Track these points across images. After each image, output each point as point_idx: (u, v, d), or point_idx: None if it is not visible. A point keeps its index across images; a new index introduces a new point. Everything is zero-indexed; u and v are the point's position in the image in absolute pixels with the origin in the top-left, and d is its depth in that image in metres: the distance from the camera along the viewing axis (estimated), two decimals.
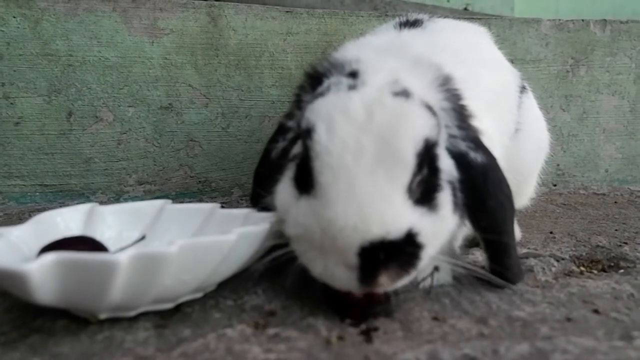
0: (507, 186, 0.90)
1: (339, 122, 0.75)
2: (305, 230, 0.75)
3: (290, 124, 0.94)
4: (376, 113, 0.75)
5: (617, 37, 1.98)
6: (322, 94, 0.83)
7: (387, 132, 0.74)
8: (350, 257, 0.71)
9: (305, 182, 0.78)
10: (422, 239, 0.74)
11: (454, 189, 0.82)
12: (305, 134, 0.77)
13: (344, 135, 0.74)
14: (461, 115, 0.88)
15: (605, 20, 1.97)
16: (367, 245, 0.70)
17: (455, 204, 0.82)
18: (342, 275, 0.73)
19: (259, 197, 0.95)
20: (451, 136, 0.85)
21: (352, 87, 0.81)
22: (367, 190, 0.72)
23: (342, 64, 0.90)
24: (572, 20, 1.95)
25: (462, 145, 0.85)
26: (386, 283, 0.73)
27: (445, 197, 0.80)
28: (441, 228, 0.80)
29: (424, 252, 0.75)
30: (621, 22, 1.98)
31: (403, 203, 0.74)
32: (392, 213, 0.72)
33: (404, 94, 0.79)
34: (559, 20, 1.95)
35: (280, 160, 0.91)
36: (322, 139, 0.75)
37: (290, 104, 1.02)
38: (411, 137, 0.74)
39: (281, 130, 0.98)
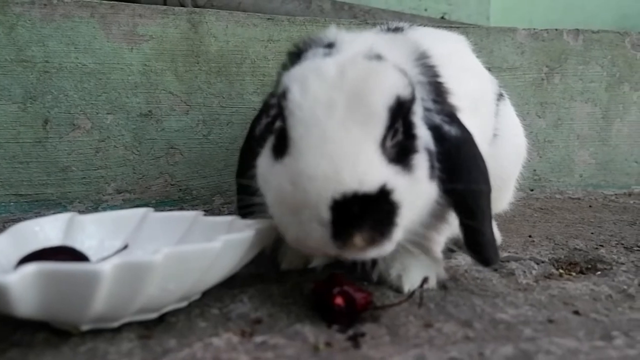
0: (483, 161, 0.89)
1: (311, 81, 0.76)
2: (278, 189, 0.74)
3: (273, 101, 0.94)
4: (348, 72, 0.77)
5: (589, 46, 2.04)
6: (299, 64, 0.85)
7: (358, 87, 0.75)
8: (323, 211, 0.70)
9: (281, 146, 0.78)
10: (397, 197, 0.73)
11: (430, 156, 0.82)
12: (281, 97, 0.78)
13: (315, 91, 0.75)
14: (437, 90, 0.89)
15: (577, 29, 2.03)
16: (340, 199, 0.69)
17: (432, 170, 0.82)
18: (315, 232, 0.71)
19: (243, 171, 0.95)
20: (426, 109, 0.86)
21: (327, 55, 0.83)
22: (338, 142, 0.72)
23: (320, 39, 0.94)
24: (546, 29, 2.01)
25: (437, 119, 0.86)
26: (361, 243, 0.71)
27: (421, 161, 0.80)
28: (417, 190, 0.79)
29: (399, 214, 0.74)
30: (593, 32, 2.05)
31: (376, 157, 0.74)
32: (365, 164, 0.72)
33: (377, 57, 0.81)
34: (534, 29, 2.00)
35: (263, 136, 0.91)
36: (295, 97, 0.76)
37: (274, 83, 1.03)
38: (382, 91, 0.76)
39: (265, 108, 0.99)
